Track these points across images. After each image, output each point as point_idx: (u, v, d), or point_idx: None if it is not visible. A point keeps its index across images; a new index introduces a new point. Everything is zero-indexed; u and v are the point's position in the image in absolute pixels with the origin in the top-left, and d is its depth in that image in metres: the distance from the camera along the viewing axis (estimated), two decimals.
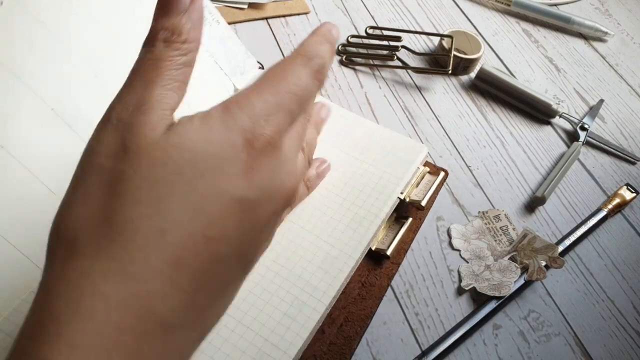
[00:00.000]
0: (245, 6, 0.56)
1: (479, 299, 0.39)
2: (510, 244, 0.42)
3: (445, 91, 0.53)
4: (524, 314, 0.39)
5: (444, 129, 0.50)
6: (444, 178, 0.41)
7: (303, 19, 0.58)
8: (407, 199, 0.38)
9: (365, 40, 0.56)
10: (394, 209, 0.38)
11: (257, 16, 0.56)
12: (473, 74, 0.55)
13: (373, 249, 0.37)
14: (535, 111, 0.52)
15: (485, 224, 0.43)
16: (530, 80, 0.56)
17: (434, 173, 0.41)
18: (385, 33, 0.57)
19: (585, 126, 0.51)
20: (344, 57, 0.54)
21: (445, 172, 0.41)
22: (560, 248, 0.42)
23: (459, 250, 0.41)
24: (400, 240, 0.38)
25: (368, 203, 0.37)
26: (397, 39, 0.56)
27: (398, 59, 0.54)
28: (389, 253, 0.37)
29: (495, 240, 0.42)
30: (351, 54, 0.55)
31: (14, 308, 0.29)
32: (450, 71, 0.52)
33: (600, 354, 0.37)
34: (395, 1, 0.63)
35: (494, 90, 0.53)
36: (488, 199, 0.45)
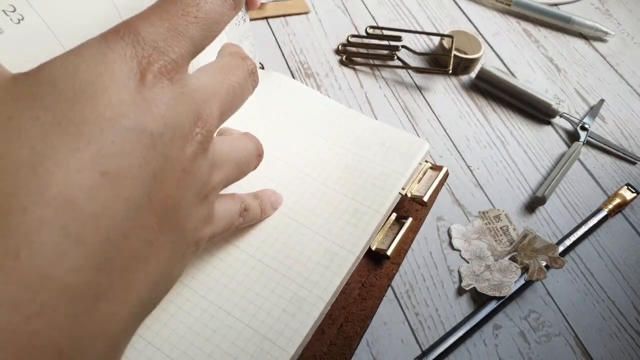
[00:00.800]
0: None
1: (479, 299, 0.39)
2: (510, 244, 0.42)
3: (445, 91, 0.53)
4: (524, 314, 0.39)
5: (444, 129, 0.50)
6: (446, 175, 0.41)
7: (303, 18, 0.58)
8: (409, 195, 0.38)
9: (366, 40, 0.56)
10: (395, 208, 0.38)
11: (257, 15, 0.56)
12: (473, 74, 0.55)
13: (373, 249, 0.37)
14: (535, 111, 0.52)
15: (486, 224, 0.43)
16: (531, 80, 0.56)
17: (436, 169, 0.41)
18: (386, 33, 0.57)
19: (586, 126, 0.51)
20: (344, 57, 0.54)
21: (446, 173, 0.41)
22: (561, 248, 0.42)
23: (459, 251, 0.41)
24: (400, 240, 0.38)
25: (369, 199, 0.37)
26: (398, 38, 0.56)
27: (398, 58, 0.54)
28: (389, 253, 0.36)
29: (495, 241, 0.42)
30: (351, 54, 0.54)
31: None
32: (450, 71, 0.51)
33: (600, 354, 0.37)
34: (396, 1, 0.62)
35: (495, 90, 0.53)
36: (488, 199, 0.45)
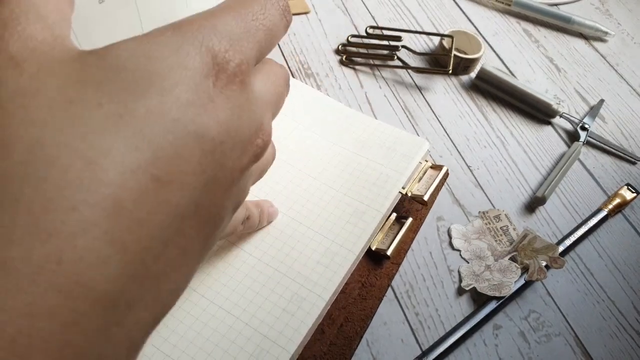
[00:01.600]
0: None
1: (479, 299, 0.39)
2: (510, 244, 0.42)
3: (445, 91, 0.53)
4: (524, 314, 0.39)
5: (444, 129, 0.50)
6: (446, 174, 0.41)
7: (303, 18, 0.58)
8: (409, 194, 0.38)
9: (366, 40, 0.56)
10: (395, 208, 0.38)
11: None
12: (473, 74, 0.55)
13: (373, 249, 0.37)
14: (535, 111, 0.52)
15: (486, 224, 0.43)
16: (531, 80, 0.56)
17: (436, 168, 0.41)
18: (386, 33, 0.57)
19: (586, 126, 0.51)
20: (344, 57, 0.54)
21: (446, 173, 0.41)
22: (561, 248, 0.42)
23: (459, 251, 0.41)
24: (400, 240, 0.38)
25: (369, 198, 0.37)
26: (398, 38, 0.56)
27: (398, 58, 0.54)
28: (389, 253, 0.36)
29: (495, 241, 0.42)
30: (351, 54, 0.54)
31: None
32: (450, 71, 0.51)
33: (600, 354, 0.37)
34: (396, 1, 0.62)
35: (495, 90, 0.53)
36: (488, 199, 0.45)
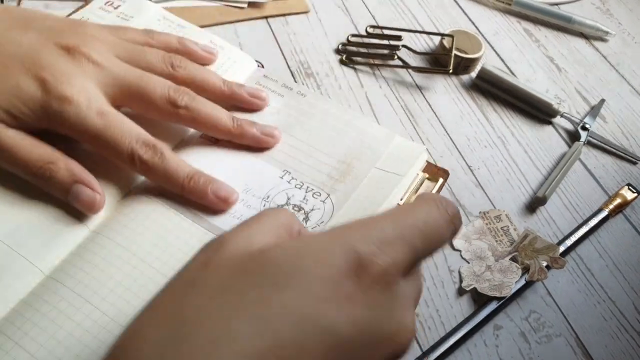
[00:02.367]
0: (245, 5, 0.56)
1: (479, 299, 0.39)
2: (511, 245, 0.42)
3: (446, 91, 0.53)
4: (525, 315, 0.38)
5: (444, 129, 0.50)
6: (443, 183, 0.40)
7: (303, 18, 0.58)
8: None
9: (366, 40, 0.56)
10: None
11: (257, 15, 0.56)
12: (474, 74, 0.55)
13: None
14: (536, 111, 0.52)
15: (486, 224, 0.43)
16: (531, 79, 0.56)
17: (433, 179, 0.40)
18: (386, 32, 0.57)
19: (587, 126, 0.51)
20: (344, 57, 0.54)
21: (446, 173, 0.41)
22: (562, 248, 0.42)
23: (459, 251, 0.41)
24: None
25: (363, 211, 0.35)
26: (398, 38, 0.56)
27: (399, 58, 0.54)
28: None
29: (496, 241, 0.42)
30: (351, 53, 0.54)
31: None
32: (451, 71, 0.51)
33: (601, 354, 0.37)
34: (396, 0, 0.62)
35: (495, 90, 0.53)
36: (489, 199, 0.45)
